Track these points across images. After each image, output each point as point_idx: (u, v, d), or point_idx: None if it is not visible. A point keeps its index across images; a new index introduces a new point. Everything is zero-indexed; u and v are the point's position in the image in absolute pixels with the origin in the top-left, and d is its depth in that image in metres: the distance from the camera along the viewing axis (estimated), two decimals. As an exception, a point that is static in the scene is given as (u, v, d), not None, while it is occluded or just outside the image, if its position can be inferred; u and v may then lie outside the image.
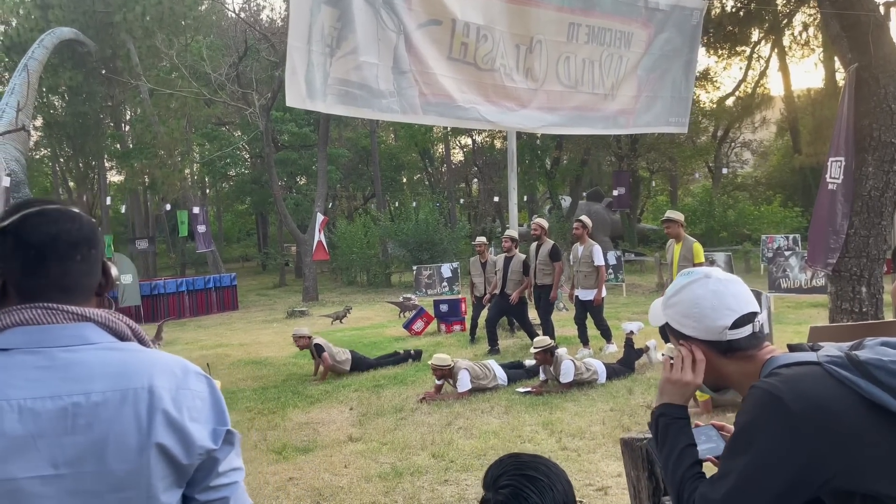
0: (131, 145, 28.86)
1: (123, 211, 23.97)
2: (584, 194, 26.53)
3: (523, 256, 9.89)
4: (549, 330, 9.34)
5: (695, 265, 7.71)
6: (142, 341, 1.32)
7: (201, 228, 22.50)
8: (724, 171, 31.09)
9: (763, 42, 27.09)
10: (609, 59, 7.41)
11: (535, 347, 7.53)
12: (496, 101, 6.90)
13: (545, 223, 10.05)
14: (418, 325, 11.95)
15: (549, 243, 9.68)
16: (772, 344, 1.60)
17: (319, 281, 23.74)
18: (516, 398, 7.32)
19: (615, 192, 23.38)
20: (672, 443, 1.55)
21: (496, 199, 29.75)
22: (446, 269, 15.18)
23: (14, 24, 29.67)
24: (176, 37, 23.71)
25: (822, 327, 2.84)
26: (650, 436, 1.92)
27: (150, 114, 24.22)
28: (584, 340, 9.42)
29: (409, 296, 14.15)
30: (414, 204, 25.68)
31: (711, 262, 15.09)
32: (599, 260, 9.14)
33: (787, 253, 13.16)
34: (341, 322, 14.54)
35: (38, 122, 34.83)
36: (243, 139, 29.63)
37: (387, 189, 34.69)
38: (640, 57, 7.60)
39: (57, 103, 32.99)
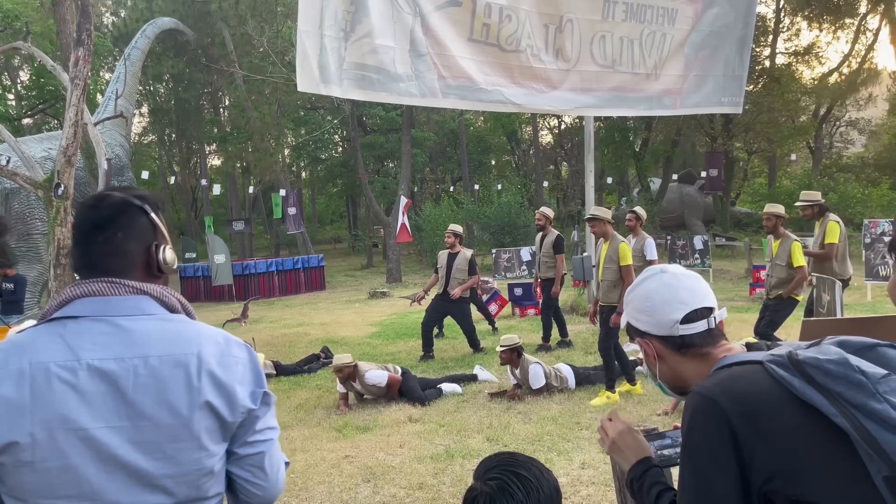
0: (228, 130, 30.04)
1: (217, 192, 24.92)
2: (675, 176, 25.72)
3: (555, 234, 9.10)
4: (552, 327, 9.15)
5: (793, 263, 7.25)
6: (189, 314, 1.50)
7: (291, 210, 23.20)
8: (824, 151, 29.42)
9: (871, 14, 25.41)
10: (651, 37, 7.12)
11: (500, 346, 7.00)
12: (523, 83, 6.73)
13: (550, 213, 9.32)
14: (492, 307, 11.95)
15: (553, 233, 9.06)
16: None
17: (405, 263, 24.05)
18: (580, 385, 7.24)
19: (707, 174, 22.60)
20: (647, 500, 1.52)
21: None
22: (525, 253, 15.05)
23: (123, 15, 31.40)
24: (268, 24, 24.39)
25: (814, 321, 2.68)
26: (645, 427, 1.90)
27: (244, 99, 25.07)
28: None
29: (486, 279, 14.13)
30: (499, 187, 25.56)
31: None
32: (652, 254, 8.08)
33: (886, 239, 12.36)
34: (419, 304, 14.71)
35: (145, 108, 36.86)
36: (333, 123, 30.28)
37: (474, 172, 34.73)
38: (686, 34, 7.27)
39: (161, 90, 34.70)
